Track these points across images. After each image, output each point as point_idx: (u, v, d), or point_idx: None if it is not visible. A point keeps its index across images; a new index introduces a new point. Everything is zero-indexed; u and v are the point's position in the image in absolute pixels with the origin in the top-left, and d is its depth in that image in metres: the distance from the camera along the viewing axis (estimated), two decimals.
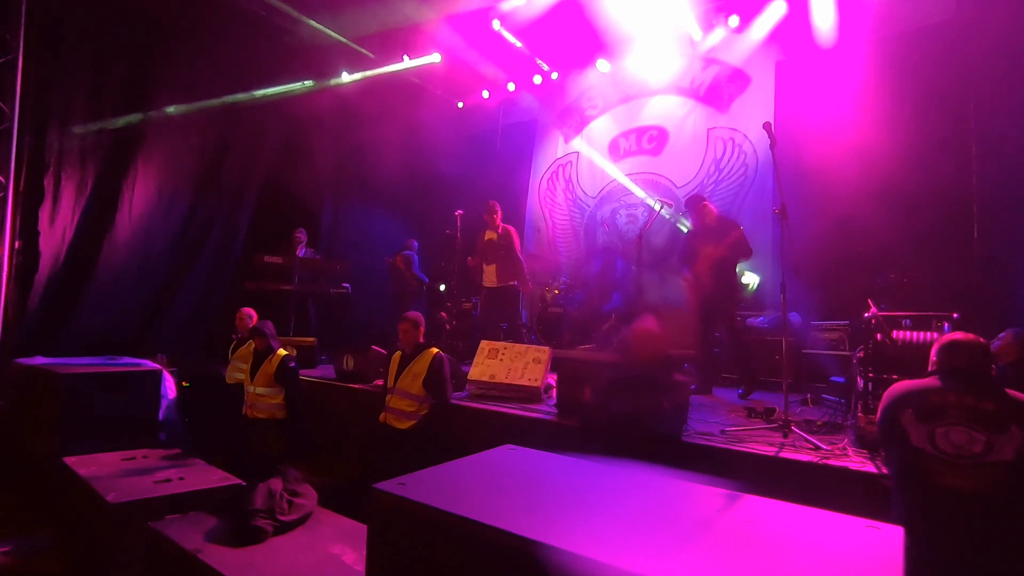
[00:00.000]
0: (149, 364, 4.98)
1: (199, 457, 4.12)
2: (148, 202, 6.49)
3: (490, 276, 6.22)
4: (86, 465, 3.76)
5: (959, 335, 2.18)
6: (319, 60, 7.82)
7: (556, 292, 7.22)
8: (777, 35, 6.82)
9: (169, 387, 5.14)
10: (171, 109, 6.62)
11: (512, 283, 6.21)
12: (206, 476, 3.65)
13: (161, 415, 4.86)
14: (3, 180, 5.39)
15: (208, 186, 7.08)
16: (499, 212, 6.31)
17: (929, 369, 2.22)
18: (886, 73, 5.72)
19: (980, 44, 5.17)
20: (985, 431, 1.94)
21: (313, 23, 7.40)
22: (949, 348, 2.15)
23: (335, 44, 7.85)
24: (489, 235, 6.23)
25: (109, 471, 3.68)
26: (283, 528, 2.74)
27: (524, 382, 4.37)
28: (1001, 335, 3.24)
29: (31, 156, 5.56)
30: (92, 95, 6.00)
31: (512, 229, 6.34)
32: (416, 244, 7.72)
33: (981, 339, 2.14)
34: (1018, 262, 4.81)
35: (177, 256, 6.86)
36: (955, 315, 3.13)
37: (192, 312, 6.96)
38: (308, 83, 7.85)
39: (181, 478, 3.57)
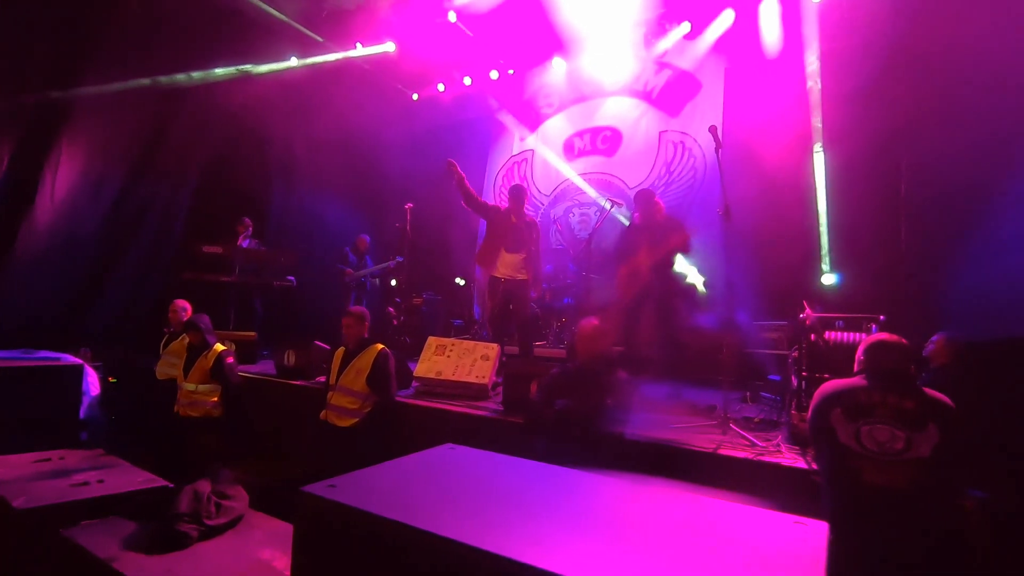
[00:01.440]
0: (69, 358, 4.66)
1: (124, 458, 3.86)
2: (74, 184, 6.05)
3: (512, 266, 5.17)
4: None
5: (883, 336, 2.28)
6: (266, 42, 7.50)
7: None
8: (726, 43, 7.01)
9: (92, 383, 4.82)
10: (103, 86, 6.18)
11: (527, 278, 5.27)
12: (129, 478, 3.42)
13: (82, 413, 4.56)
14: None
15: (143, 169, 6.68)
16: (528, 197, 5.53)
17: (856, 369, 2.31)
18: (824, 84, 5.97)
19: (912, 59, 5.45)
20: (906, 429, 2.03)
21: (259, 3, 7.08)
22: (874, 349, 2.24)
23: (284, 27, 7.54)
24: (516, 220, 5.26)
25: (19, 474, 3.38)
26: (209, 533, 2.59)
27: (471, 379, 4.33)
28: (933, 339, 3.41)
29: None
30: (12, 68, 5.53)
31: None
32: (368, 239, 7.52)
33: (903, 340, 2.24)
34: (943, 266, 5.11)
35: (106, 243, 6.43)
36: (881, 317, 3.28)
37: (122, 303, 6.56)
38: (255, 66, 7.51)
39: (100, 480, 3.32)
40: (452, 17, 7.37)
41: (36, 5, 5.62)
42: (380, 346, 3.90)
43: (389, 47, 8.00)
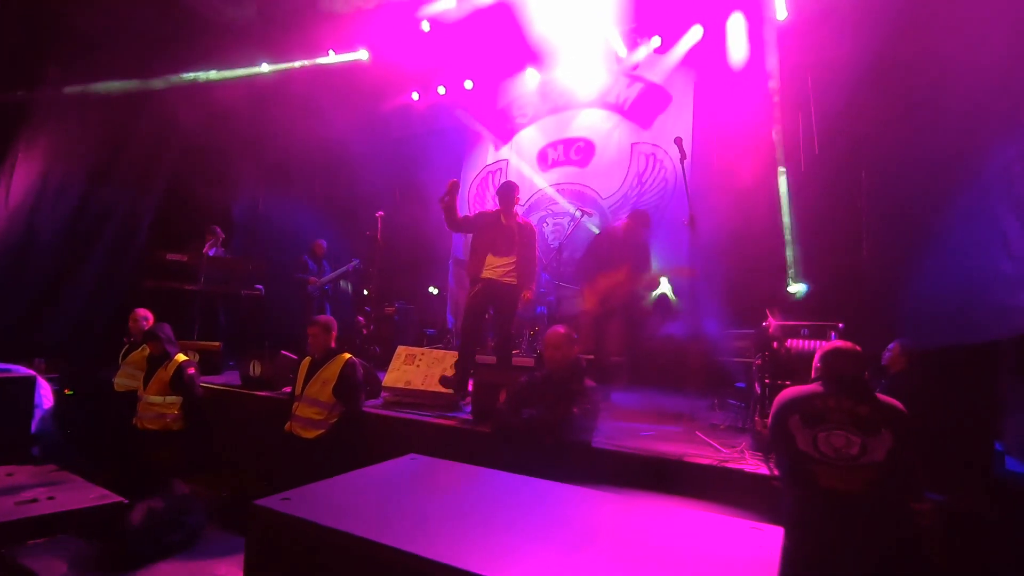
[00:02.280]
0: (21, 370, 4.47)
1: (78, 473, 3.71)
2: (30, 189, 5.83)
3: (499, 270, 4.64)
4: None
5: (839, 343, 2.34)
6: (238, 48, 7.39)
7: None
8: (695, 57, 7.17)
9: (45, 395, 4.62)
10: (63, 89, 6.00)
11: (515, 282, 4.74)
12: (81, 495, 3.28)
13: (34, 427, 4.36)
14: None
15: (105, 175, 6.48)
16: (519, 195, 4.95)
17: (813, 376, 2.36)
18: (787, 99, 6.16)
19: (871, 75, 5.66)
20: (861, 434, 2.08)
21: (230, 7, 6.99)
22: (830, 356, 2.30)
23: (255, 32, 7.46)
24: (506, 221, 4.78)
25: None
26: (164, 550, 2.50)
27: (442, 389, 4.28)
28: (890, 346, 3.51)
29: None
30: None
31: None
32: (324, 244, 7.42)
33: (858, 347, 2.30)
34: (901, 274, 5.28)
35: (64, 250, 6.21)
36: (840, 324, 3.37)
37: (80, 313, 6.32)
38: (224, 71, 7.40)
39: (51, 497, 3.18)
40: (426, 27, 7.38)
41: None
42: (347, 355, 3.84)
43: (363, 55, 7.96)
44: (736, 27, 6.71)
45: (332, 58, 7.97)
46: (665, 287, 5.95)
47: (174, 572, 2.37)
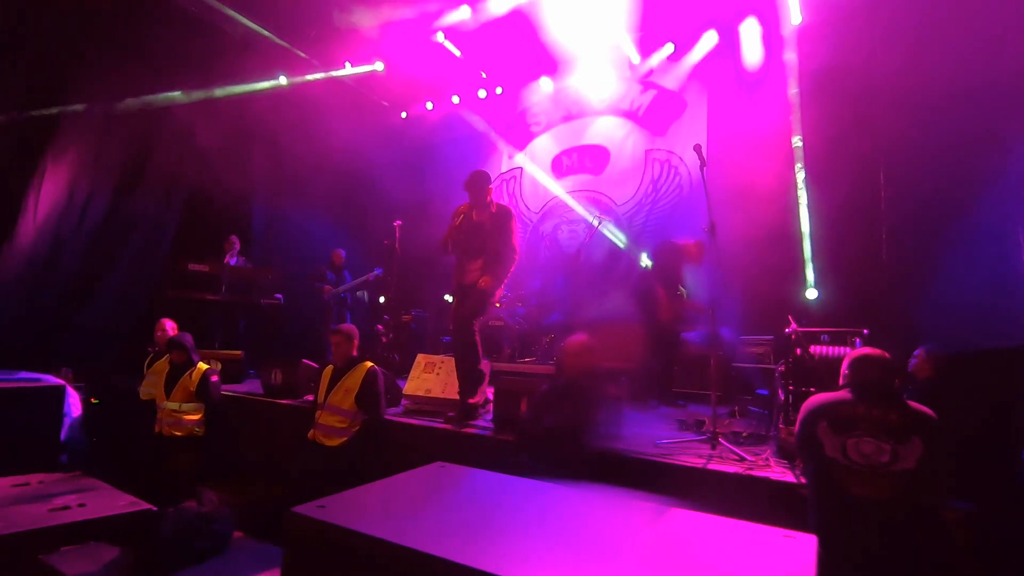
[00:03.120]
0: (50, 379, 4.56)
1: (106, 480, 3.78)
2: (57, 202, 5.97)
3: (472, 276, 4.24)
4: None
5: (867, 350, 2.32)
6: (256, 62, 7.53)
7: (497, 305, 7.21)
8: (710, 63, 7.18)
9: (73, 404, 4.71)
10: (89, 104, 6.15)
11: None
12: (111, 502, 3.34)
13: (63, 435, 4.44)
14: None
15: (130, 188, 6.62)
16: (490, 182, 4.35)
17: (840, 383, 2.35)
18: (804, 105, 6.13)
19: (890, 79, 5.62)
20: (891, 441, 2.06)
21: (248, 22, 7.13)
22: (858, 363, 2.28)
23: (273, 46, 7.61)
24: (477, 217, 4.27)
25: None
26: (195, 557, 2.54)
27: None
28: (916, 353, 3.47)
29: None
30: None
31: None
32: (343, 253, 7.50)
33: (886, 354, 2.28)
34: (924, 279, 5.22)
35: (90, 262, 6.34)
36: (865, 331, 3.34)
37: (106, 323, 6.44)
38: (244, 85, 7.54)
39: (81, 504, 3.24)
40: (440, 37, 7.47)
41: (29, 23, 5.59)
42: (369, 364, 3.88)
43: (378, 66, 8.07)
44: (750, 32, 6.71)
45: (348, 70, 8.08)
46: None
47: None
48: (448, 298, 8.32)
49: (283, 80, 7.90)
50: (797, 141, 6.05)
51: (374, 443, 3.77)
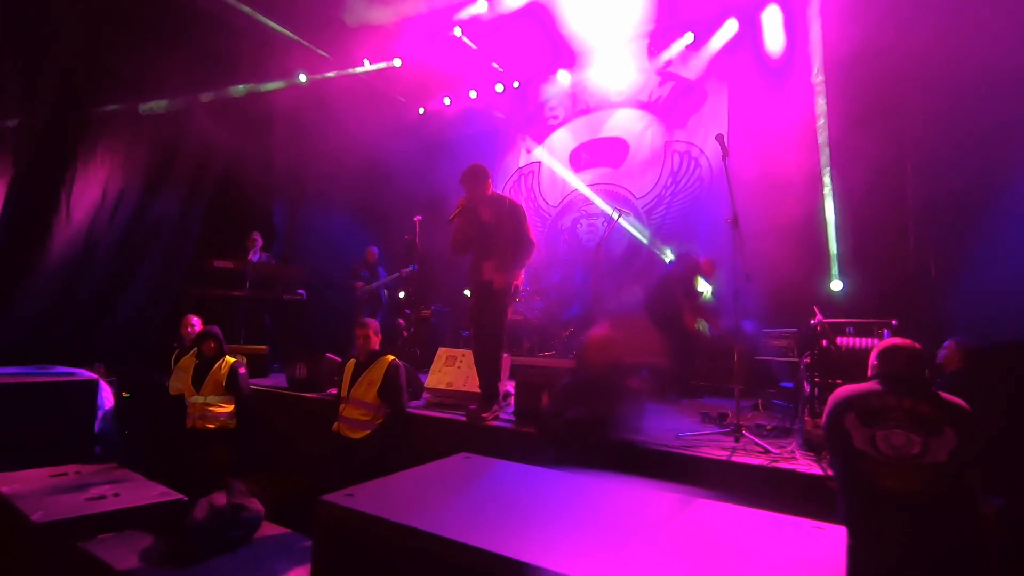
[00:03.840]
0: (84, 373, 4.70)
1: (136, 471, 3.90)
2: (88, 201, 6.13)
3: (490, 271, 4.09)
4: (10, 482, 3.48)
5: (897, 341, 2.28)
6: (276, 61, 7.63)
7: (516, 300, 7.22)
8: (730, 52, 7.07)
9: (106, 397, 4.85)
10: (118, 105, 6.29)
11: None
12: (144, 492, 3.44)
13: (97, 427, 4.58)
14: None
15: (157, 186, 6.76)
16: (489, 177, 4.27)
17: (869, 374, 2.31)
18: (829, 92, 6.00)
19: (917, 63, 5.48)
20: (922, 433, 2.02)
21: (269, 22, 7.23)
22: (888, 353, 2.24)
23: (293, 45, 7.70)
24: (484, 215, 4.16)
25: (35, 488, 3.42)
26: (226, 545, 2.61)
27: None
28: (945, 344, 3.40)
29: None
30: (29, 85, 5.64)
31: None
32: (376, 251, 7.58)
33: (917, 344, 2.24)
34: (952, 270, 5.10)
35: (121, 259, 6.50)
36: (894, 322, 3.27)
37: (136, 318, 6.61)
38: (264, 84, 7.64)
39: (116, 494, 3.35)
40: (457, 32, 7.46)
41: (58, 24, 5.73)
42: (391, 358, 3.92)
43: (396, 63, 8.10)
44: (772, 19, 6.59)
45: (367, 67, 8.13)
46: (704, 286, 5.88)
47: (235, 567, 2.47)
48: (467, 292, 8.38)
49: (303, 78, 7.98)
50: (822, 129, 5.93)
51: (397, 436, 3.81)
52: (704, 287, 5.94)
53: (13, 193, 5.59)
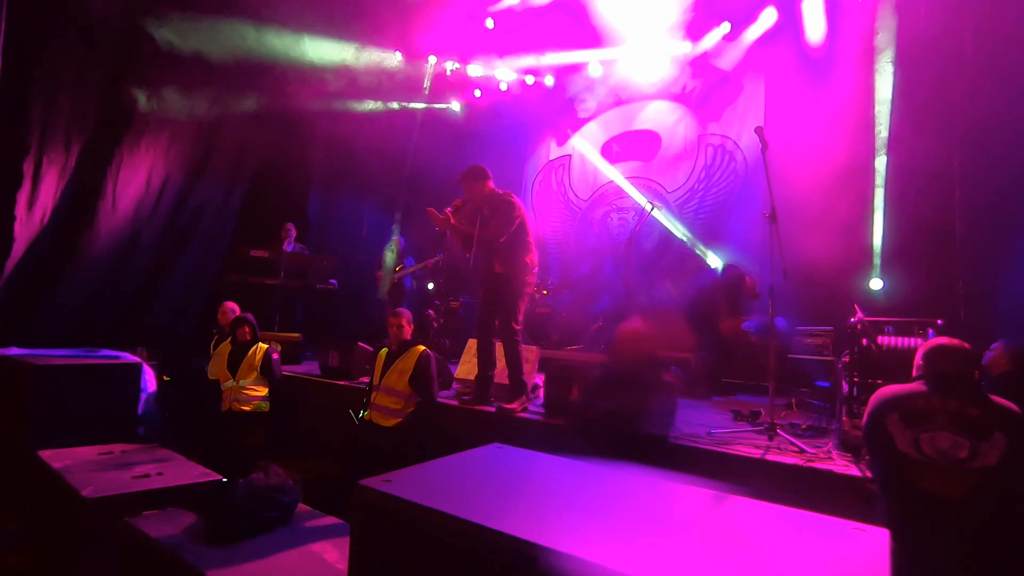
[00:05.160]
0: (129, 357, 4.88)
1: (179, 452, 4.05)
2: (135, 187, 6.35)
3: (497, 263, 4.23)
4: (61, 459, 3.66)
5: (944, 340, 2.20)
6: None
7: (544, 292, 7.22)
8: (768, 43, 6.87)
9: (149, 380, 5.04)
10: (162, 96, 6.47)
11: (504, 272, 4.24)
12: (185, 471, 3.58)
13: (140, 409, 4.76)
14: None
15: (199, 176, 6.95)
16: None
17: (914, 374, 2.24)
18: (873, 80, 5.78)
19: (965, 60, 5.26)
20: (970, 436, 1.96)
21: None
22: (934, 353, 2.16)
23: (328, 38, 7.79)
24: (487, 210, 4.26)
25: (85, 465, 3.59)
26: (264, 526, 2.69)
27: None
28: (993, 346, 3.27)
29: (11, 138, 5.42)
30: (79, 77, 5.85)
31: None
32: (402, 240, 7.66)
33: (966, 344, 2.16)
34: (998, 270, 4.89)
35: (163, 246, 6.73)
36: (939, 321, 3.16)
37: (177, 304, 6.84)
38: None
39: (159, 473, 3.49)
40: (490, 24, 7.44)
41: (104, 18, 5.91)
42: (422, 348, 3.96)
43: (431, 60, 8.14)
44: (814, 9, 6.38)
45: (399, 62, 8.19)
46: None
47: (273, 546, 2.54)
48: None
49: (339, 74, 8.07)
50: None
51: (428, 425, 3.86)
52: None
53: (71, 182, 5.82)
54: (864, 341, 3.13)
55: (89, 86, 5.95)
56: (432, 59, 8.21)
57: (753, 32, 6.92)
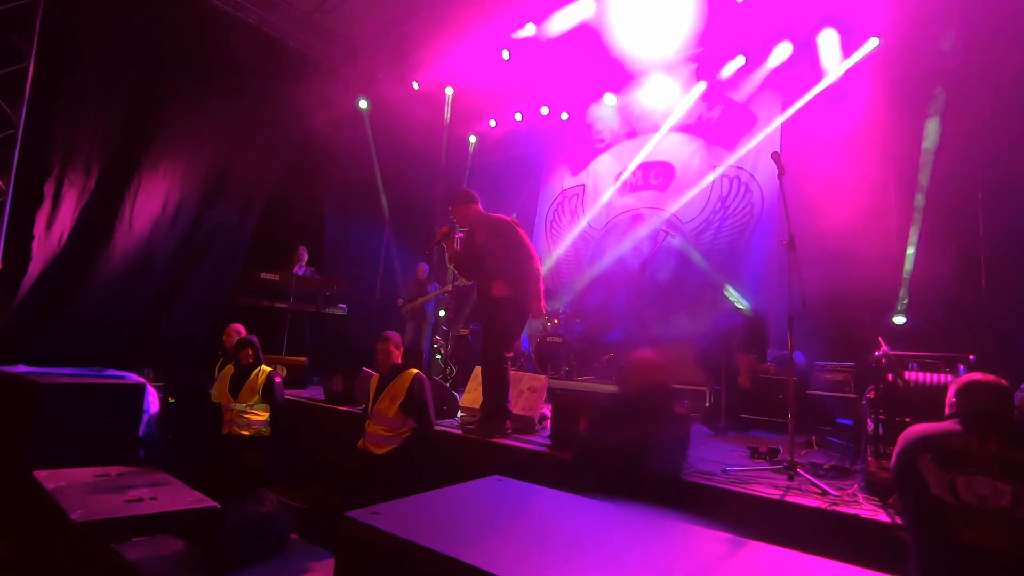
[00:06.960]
0: (133, 377, 4.84)
1: (179, 475, 3.95)
2: (152, 209, 6.44)
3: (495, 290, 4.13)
4: (55, 480, 3.58)
5: (979, 376, 2.05)
6: (326, 84, 7.88)
7: (555, 322, 7.11)
8: (783, 75, 6.87)
9: (152, 401, 4.98)
10: (179, 120, 6.63)
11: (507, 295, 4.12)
12: (179, 497, 3.47)
13: (141, 431, 4.70)
14: (3, 186, 5.36)
15: (213, 199, 7.04)
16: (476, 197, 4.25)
17: (947, 412, 2.08)
18: (892, 116, 5.71)
19: (986, 91, 5.18)
20: (1011, 482, 1.79)
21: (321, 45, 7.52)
22: (969, 389, 2.01)
23: (347, 67, 7.97)
24: (478, 238, 4.21)
25: (78, 487, 3.50)
26: (253, 556, 2.57)
27: (518, 411, 4.20)
28: (1023, 387, 3.09)
29: (34, 160, 5.54)
30: (101, 101, 6.01)
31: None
32: (426, 268, 7.64)
33: (1003, 381, 2.01)
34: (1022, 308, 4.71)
35: (176, 267, 6.77)
36: (971, 357, 2.99)
37: (187, 326, 6.84)
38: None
39: (153, 498, 3.39)
40: (505, 55, 7.55)
41: (126, 46, 6.10)
42: (414, 371, 3.82)
43: (448, 91, 8.28)
44: (828, 42, 6.38)
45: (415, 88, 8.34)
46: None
47: None
48: None
49: (363, 104, 8.24)
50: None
51: (423, 453, 3.71)
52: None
53: (90, 203, 5.92)
54: (890, 376, 2.96)
55: (112, 109, 6.09)
56: (449, 90, 8.32)
57: (768, 65, 6.93)
